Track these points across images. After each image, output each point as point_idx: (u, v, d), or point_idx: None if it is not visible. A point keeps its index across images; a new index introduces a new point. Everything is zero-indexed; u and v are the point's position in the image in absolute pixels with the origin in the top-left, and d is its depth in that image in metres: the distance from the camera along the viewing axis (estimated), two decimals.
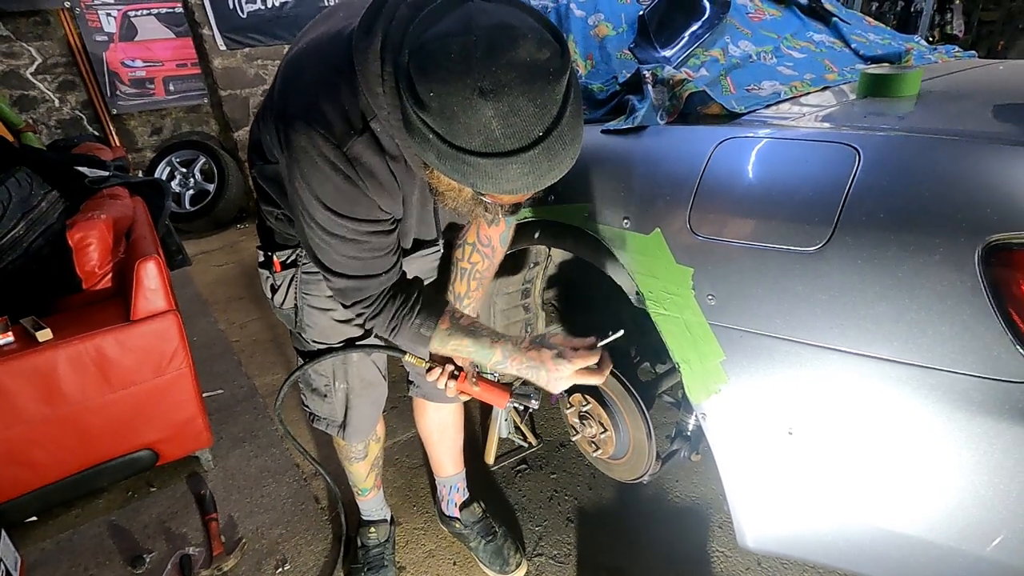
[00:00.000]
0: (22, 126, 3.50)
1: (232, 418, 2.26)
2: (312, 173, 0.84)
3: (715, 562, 1.56)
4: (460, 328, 1.01)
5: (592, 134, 1.30)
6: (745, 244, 1.01)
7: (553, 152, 0.68)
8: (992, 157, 0.86)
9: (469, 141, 0.65)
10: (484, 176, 0.68)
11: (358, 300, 0.98)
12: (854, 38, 1.71)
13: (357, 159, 0.84)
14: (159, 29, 4.62)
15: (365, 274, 0.95)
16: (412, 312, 1.00)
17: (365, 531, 1.58)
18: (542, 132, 0.65)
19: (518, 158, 0.66)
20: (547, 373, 0.99)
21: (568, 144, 0.69)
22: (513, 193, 0.72)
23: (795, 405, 1.02)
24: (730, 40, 1.50)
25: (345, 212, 0.87)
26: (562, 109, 0.66)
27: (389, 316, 0.99)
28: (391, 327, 1.00)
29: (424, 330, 1.00)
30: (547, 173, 0.70)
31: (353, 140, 0.82)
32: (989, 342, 0.80)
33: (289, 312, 1.21)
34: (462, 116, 0.63)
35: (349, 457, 1.45)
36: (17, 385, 1.54)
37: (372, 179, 0.87)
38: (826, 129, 1.05)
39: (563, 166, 0.71)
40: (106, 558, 1.68)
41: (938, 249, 0.82)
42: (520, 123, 0.64)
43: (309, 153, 0.82)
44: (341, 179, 0.84)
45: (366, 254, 0.93)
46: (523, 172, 0.67)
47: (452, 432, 1.58)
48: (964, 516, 0.90)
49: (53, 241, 1.90)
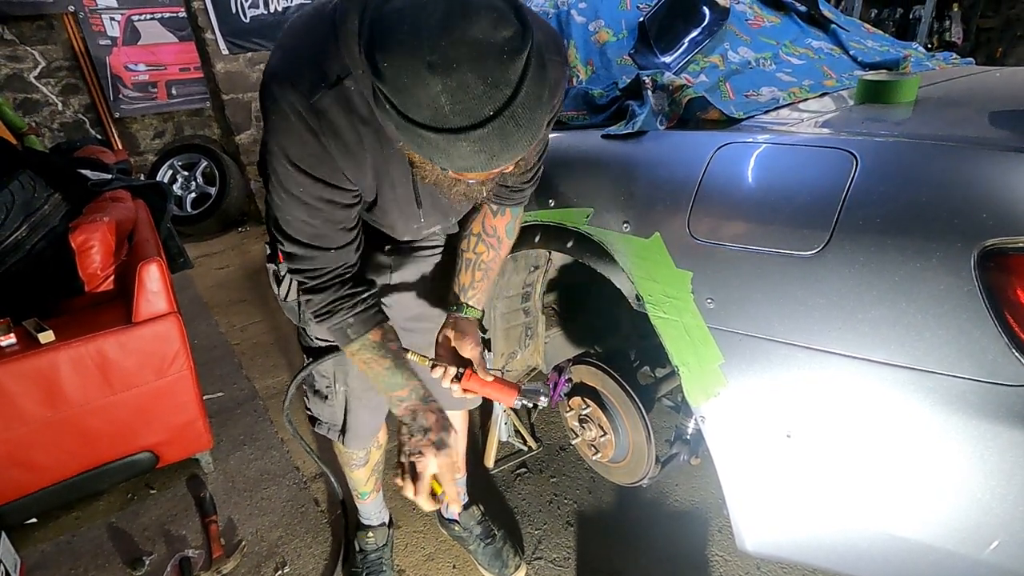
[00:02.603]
0: (25, 129, 3.51)
1: (232, 421, 2.27)
2: (279, 123, 0.83)
3: (714, 566, 1.56)
4: (385, 349, 1.00)
5: (592, 139, 1.31)
6: (744, 248, 1.02)
7: (505, 133, 0.65)
8: (988, 163, 0.86)
9: (419, 114, 0.64)
10: (437, 151, 0.67)
11: (305, 268, 0.96)
12: (852, 45, 1.73)
13: (323, 113, 0.82)
14: (162, 33, 4.65)
15: (316, 244, 0.93)
16: (353, 308, 0.98)
17: (363, 535, 1.57)
18: (492, 112, 0.63)
19: (467, 136, 0.64)
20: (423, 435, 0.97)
21: (523, 126, 0.66)
22: (469, 171, 0.71)
23: (794, 408, 1.03)
24: (729, 46, 1.51)
25: (306, 168, 0.85)
26: (517, 90, 0.64)
27: (329, 299, 0.97)
28: (324, 311, 0.98)
29: (351, 331, 0.99)
30: (500, 154, 0.67)
31: (323, 92, 0.80)
32: (985, 346, 0.81)
33: (293, 305, 1.19)
34: (412, 89, 0.62)
35: (349, 463, 1.43)
36: (19, 387, 1.54)
37: (337, 138, 0.84)
38: (824, 135, 1.06)
39: (517, 148, 0.69)
40: (106, 560, 1.68)
41: (935, 254, 0.83)
42: (469, 101, 0.62)
43: (279, 103, 0.81)
44: (305, 131, 0.82)
45: (318, 222, 0.91)
46: (474, 151, 0.66)
47: (459, 438, 1.56)
48: (962, 520, 0.90)
49: (56, 243, 1.91)
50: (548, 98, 0.71)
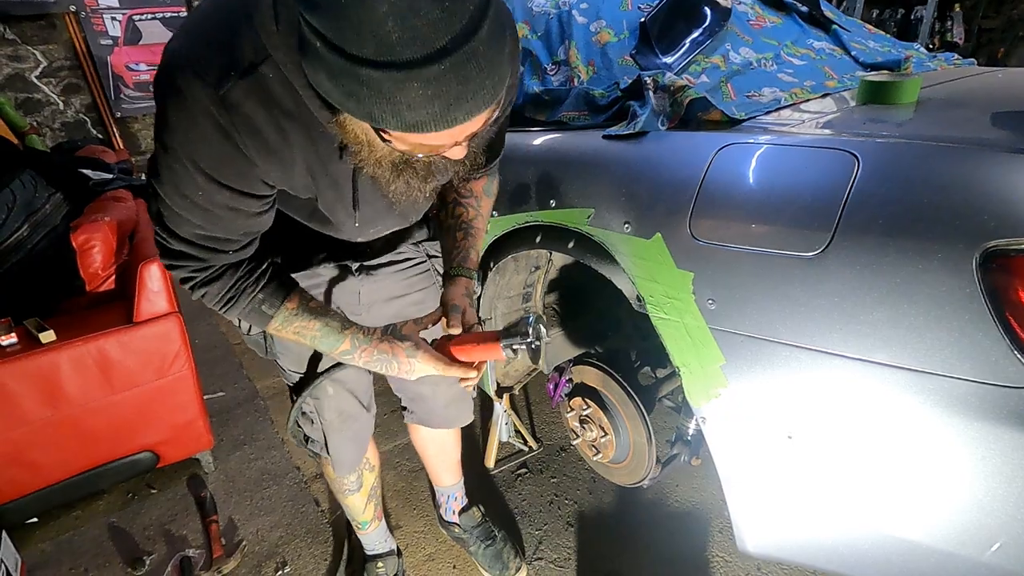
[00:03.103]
0: (27, 129, 3.52)
1: (233, 420, 2.27)
2: (179, 119, 0.70)
3: (715, 567, 1.56)
4: (309, 310, 0.90)
5: (594, 139, 1.31)
6: (745, 249, 1.01)
7: (464, 75, 0.55)
8: (990, 164, 0.86)
9: (360, 46, 0.53)
10: (381, 100, 0.55)
11: (183, 264, 0.83)
12: (854, 45, 1.72)
13: (236, 107, 0.69)
14: (164, 33, 4.65)
15: (207, 245, 0.80)
16: (256, 285, 0.86)
17: (372, 566, 1.50)
18: (447, 43, 0.53)
19: (419, 73, 0.53)
20: (398, 367, 0.92)
21: (484, 70, 0.56)
22: (419, 129, 0.58)
23: (795, 409, 1.03)
24: (731, 47, 1.51)
25: (209, 171, 0.73)
26: (477, 23, 0.54)
27: (227, 286, 0.85)
28: (226, 298, 0.86)
29: (266, 307, 0.87)
30: (456, 101, 0.56)
31: (233, 83, 0.68)
32: (987, 347, 0.80)
33: (257, 339, 1.11)
34: (352, 10, 0.52)
35: (342, 490, 1.36)
36: (20, 386, 1.54)
37: (254, 135, 0.72)
38: (826, 135, 1.06)
39: (479, 97, 0.57)
40: (106, 560, 1.68)
41: (936, 255, 0.83)
42: (421, 27, 0.52)
43: (180, 96, 0.69)
44: (212, 129, 0.70)
45: (217, 231, 0.79)
46: (426, 96, 0.54)
47: (450, 448, 1.53)
48: (963, 521, 0.90)
49: (57, 243, 1.91)
50: (509, 53, 0.61)
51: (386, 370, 0.93)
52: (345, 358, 0.93)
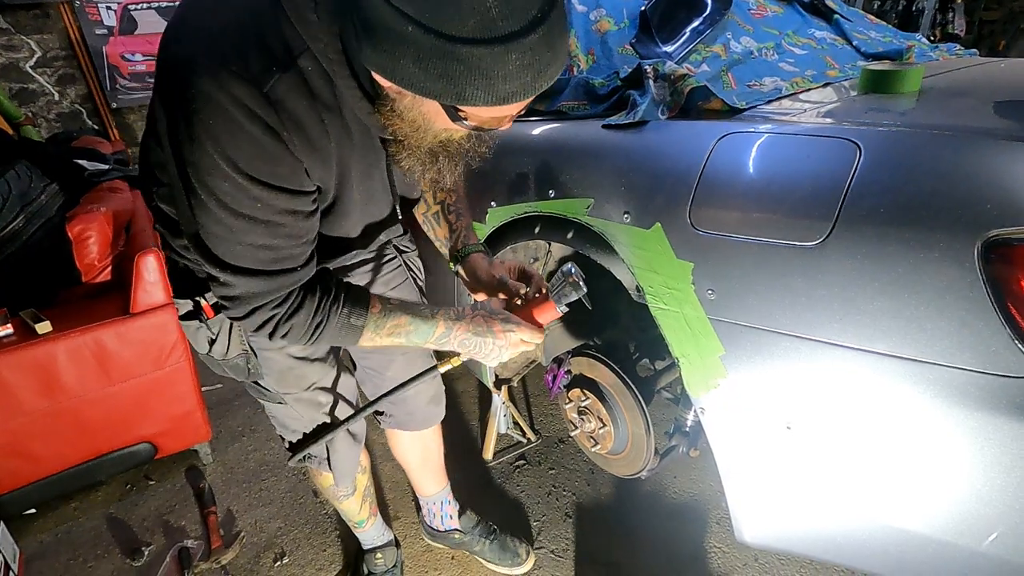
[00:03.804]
0: (21, 119, 3.49)
1: (231, 412, 2.26)
2: (220, 124, 0.65)
3: (712, 557, 1.56)
4: (394, 307, 0.87)
5: (593, 129, 1.30)
6: (745, 239, 1.01)
7: (551, 40, 0.57)
8: (992, 153, 0.86)
9: (460, 26, 0.53)
10: (477, 75, 0.56)
11: (264, 304, 0.77)
12: (855, 35, 1.71)
13: (281, 103, 0.67)
14: (159, 23, 4.60)
15: (277, 268, 0.75)
16: (338, 301, 0.83)
17: (371, 558, 1.50)
18: (539, 12, 0.55)
19: (519, 44, 0.55)
20: (494, 340, 0.90)
21: (563, 34, 0.60)
22: (507, 100, 0.59)
23: (794, 400, 1.02)
24: (731, 36, 1.50)
25: (263, 177, 0.69)
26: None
27: (311, 312, 0.81)
28: (314, 324, 0.81)
29: (355, 319, 0.84)
30: (546, 67, 0.59)
31: (276, 78, 0.65)
32: (988, 337, 0.80)
33: (237, 361, 1.02)
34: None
35: (337, 497, 1.33)
36: (16, 377, 1.54)
37: (299, 131, 0.70)
38: (827, 124, 1.05)
39: (559, 62, 0.61)
40: (104, 551, 1.69)
41: (938, 244, 0.82)
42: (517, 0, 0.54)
43: (216, 98, 0.64)
44: (260, 129, 0.66)
45: (279, 240, 0.74)
46: (522, 64, 0.56)
47: (434, 454, 1.47)
48: (961, 511, 0.90)
49: (52, 234, 1.90)
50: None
51: (479, 347, 0.90)
52: (441, 342, 0.90)
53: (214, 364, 1.04)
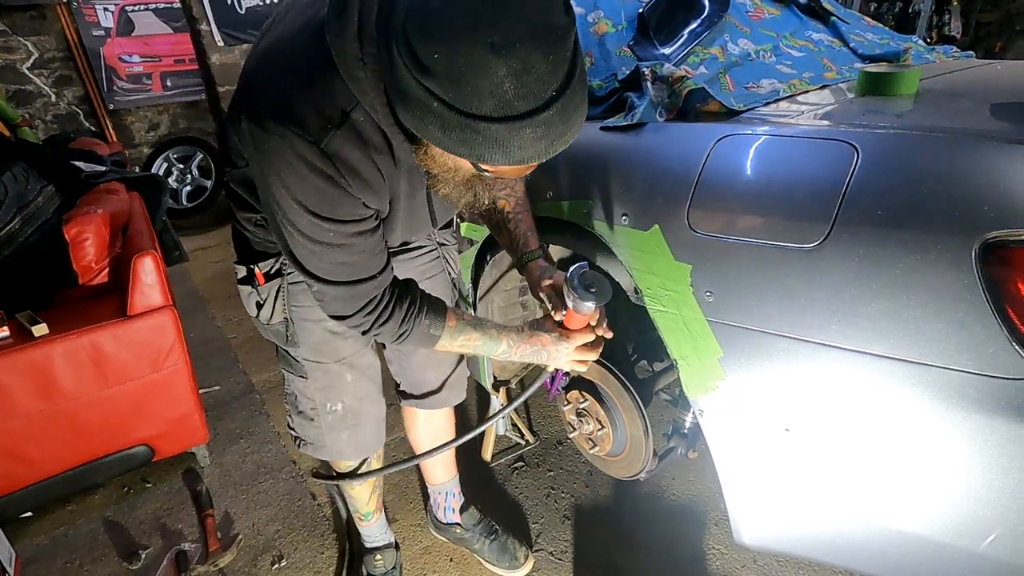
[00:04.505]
0: (18, 121, 3.48)
1: (228, 414, 2.26)
2: (289, 175, 0.79)
3: (711, 559, 1.56)
4: (466, 323, 1.02)
5: (591, 131, 1.30)
6: (743, 241, 1.01)
7: (566, 114, 0.63)
8: (989, 155, 0.86)
9: (480, 106, 0.60)
10: (494, 144, 0.63)
11: (358, 310, 0.93)
12: (853, 37, 1.72)
13: (336, 155, 0.79)
14: (157, 24, 4.61)
15: (358, 278, 0.90)
16: (421, 314, 0.98)
17: (371, 559, 1.52)
18: (555, 91, 0.61)
19: (532, 120, 0.61)
20: (548, 356, 1.05)
21: (579, 105, 0.65)
22: (523, 163, 0.67)
23: (792, 402, 1.02)
24: (729, 38, 1.50)
25: (328, 215, 0.82)
26: (572, 67, 0.62)
27: (398, 323, 0.96)
28: (400, 333, 0.97)
29: (433, 330, 0.99)
30: (560, 137, 0.65)
31: (331, 135, 0.77)
32: (985, 339, 0.80)
33: (278, 328, 1.14)
34: (471, 77, 0.58)
35: (350, 482, 1.38)
36: (13, 380, 1.53)
37: (355, 176, 0.82)
38: (825, 127, 1.06)
39: (574, 130, 0.67)
40: (101, 554, 1.68)
41: (935, 246, 0.82)
42: (533, 83, 0.59)
43: (284, 154, 0.77)
44: (321, 179, 0.79)
45: (355, 257, 0.89)
46: (536, 137, 0.63)
47: (444, 438, 1.51)
48: (959, 513, 0.90)
49: (49, 236, 1.89)
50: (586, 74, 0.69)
51: (535, 358, 1.07)
52: (502, 356, 1.06)
53: (261, 327, 1.17)
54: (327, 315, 0.97)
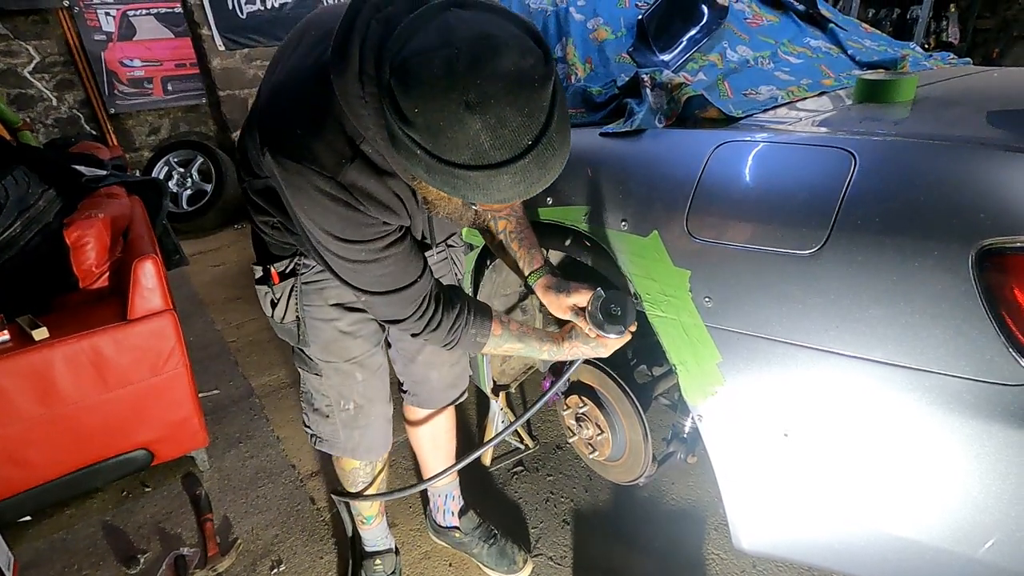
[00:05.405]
0: (19, 124, 3.49)
1: (228, 418, 2.26)
2: (313, 208, 0.85)
3: (710, 564, 1.56)
4: (511, 334, 1.10)
5: (591, 137, 1.31)
6: (742, 247, 1.01)
7: (543, 160, 0.67)
8: (987, 162, 0.86)
9: (458, 156, 0.64)
10: (474, 188, 0.67)
11: (410, 314, 0.99)
12: (850, 44, 1.73)
13: (353, 184, 0.84)
14: (158, 29, 4.62)
15: (400, 286, 0.96)
16: (468, 324, 1.04)
17: (371, 564, 1.52)
18: (531, 141, 0.65)
19: (508, 168, 0.65)
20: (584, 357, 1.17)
21: (557, 150, 0.69)
22: (505, 202, 0.72)
23: (791, 407, 1.03)
24: (728, 45, 1.51)
25: (354, 237, 0.88)
26: (550, 116, 0.66)
27: (447, 330, 1.03)
28: (448, 340, 1.04)
29: (480, 338, 1.06)
30: (537, 181, 0.69)
31: (346, 168, 0.82)
32: (982, 345, 0.81)
33: (291, 327, 1.17)
34: (449, 131, 0.63)
35: (356, 483, 1.40)
36: (13, 384, 1.53)
37: (372, 201, 0.87)
38: (822, 133, 1.06)
39: (552, 172, 0.71)
40: (100, 558, 1.68)
41: (932, 253, 0.83)
42: (509, 134, 0.63)
43: (305, 189, 0.83)
44: (343, 208, 0.85)
45: (391, 267, 0.94)
46: (514, 182, 0.67)
47: (445, 439, 1.55)
48: (957, 518, 0.90)
49: (50, 240, 1.90)
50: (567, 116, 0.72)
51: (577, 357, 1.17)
52: (550, 358, 1.16)
53: (276, 326, 1.20)
54: (381, 320, 1.05)
